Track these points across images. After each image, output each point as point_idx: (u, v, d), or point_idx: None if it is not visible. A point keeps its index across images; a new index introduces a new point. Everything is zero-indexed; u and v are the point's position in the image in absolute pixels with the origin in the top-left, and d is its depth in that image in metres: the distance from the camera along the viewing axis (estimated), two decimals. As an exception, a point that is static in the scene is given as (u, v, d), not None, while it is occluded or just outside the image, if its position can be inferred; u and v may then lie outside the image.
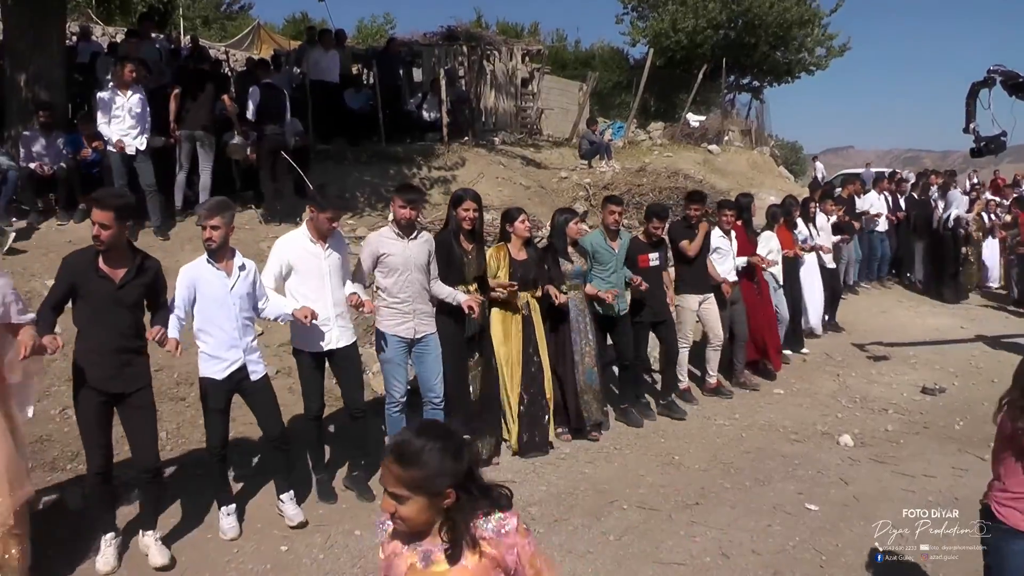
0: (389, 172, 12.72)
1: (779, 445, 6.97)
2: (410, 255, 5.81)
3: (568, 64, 33.66)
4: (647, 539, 5.17)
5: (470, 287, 6.26)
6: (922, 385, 8.64)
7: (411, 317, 5.86)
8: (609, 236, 7.35)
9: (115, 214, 4.55)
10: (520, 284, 6.56)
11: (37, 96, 9.70)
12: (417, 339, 5.91)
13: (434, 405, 6.03)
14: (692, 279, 8.07)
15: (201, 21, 31.83)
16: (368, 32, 34.90)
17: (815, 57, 29.19)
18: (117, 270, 4.67)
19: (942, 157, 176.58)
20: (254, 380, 5.20)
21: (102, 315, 4.65)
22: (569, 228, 7.05)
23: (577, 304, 7.03)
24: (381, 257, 5.79)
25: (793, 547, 5.06)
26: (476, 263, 6.31)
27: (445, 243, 6.20)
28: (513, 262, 6.61)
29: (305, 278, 5.56)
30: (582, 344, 7.03)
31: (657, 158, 17.63)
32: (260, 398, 5.28)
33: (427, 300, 5.99)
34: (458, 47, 17.94)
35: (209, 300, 5.03)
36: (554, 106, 21.95)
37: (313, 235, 5.58)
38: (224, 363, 5.07)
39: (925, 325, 11.86)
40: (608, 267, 7.28)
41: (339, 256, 5.71)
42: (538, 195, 13.16)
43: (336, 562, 4.90)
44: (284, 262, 5.53)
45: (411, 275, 5.82)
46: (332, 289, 5.62)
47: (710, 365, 8.34)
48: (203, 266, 5.06)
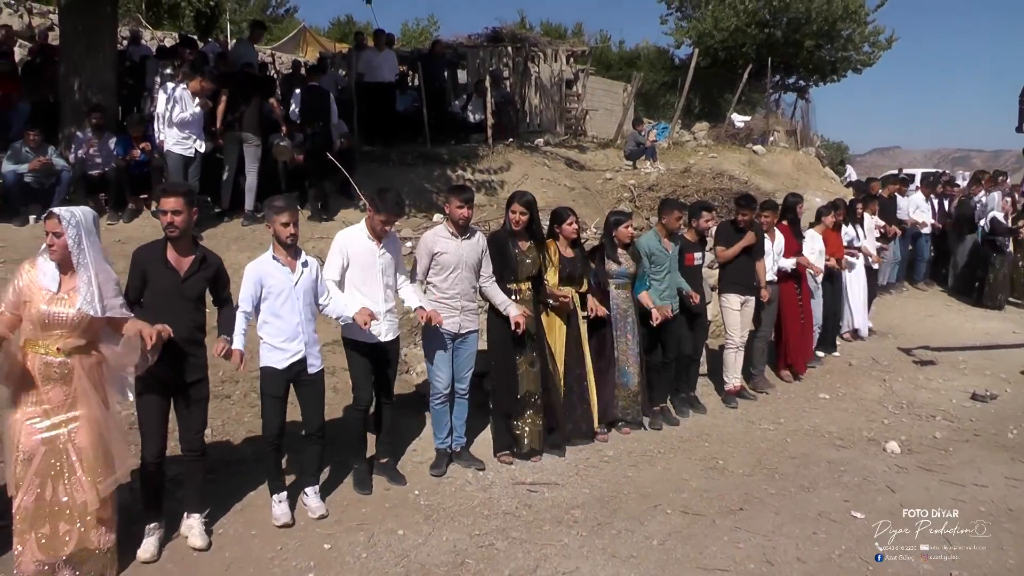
0: (434, 174, 12.78)
1: (824, 451, 6.90)
2: (463, 254, 6.09)
3: (613, 65, 33.62)
4: (691, 544, 5.15)
5: (522, 285, 6.49)
6: (972, 391, 8.48)
7: (458, 313, 6.14)
8: (667, 238, 7.51)
9: (185, 199, 4.84)
10: (568, 280, 6.79)
11: (90, 99, 9.95)
12: (461, 334, 6.21)
13: (460, 395, 6.40)
14: (736, 278, 8.13)
15: (247, 25, 32.21)
16: (412, 34, 35.09)
17: (861, 54, 28.83)
18: (183, 262, 4.89)
19: (993, 157, 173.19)
20: (311, 373, 5.40)
21: (167, 306, 4.81)
22: (619, 231, 7.16)
23: (619, 304, 7.17)
24: (435, 255, 6.06)
25: (839, 556, 5.01)
26: (532, 262, 6.54)
27: (500, 242, 6.46)
28: (562, 259, 6.79)
29: (360, 272, 5.78)
30: (620, 342, 7.16)
31: (702, 159, 17.48)
32: (312, 391, 5.47)
33: (473, 298, 6.28)
34: (503, 48, 17.98)
35: (275, 294, 5.23)
36: (599, 107, 21.91)
37: (370, 232, 5.80)
38: (286, 354, 5.27)
39: (975, 329, 11.64)
40: (663, 268, 7.42)
41: (392, 256, 5.93)
42: (582, 196, 13.13)
43: (379, 560, 4.93)
44: (345, 254, 5.76)
45: (461, 273, 6.11)
46: (384, 285, 5.84)
47: (730, 369, 8.35)
48: (269, 262, 5.27)
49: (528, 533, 5.26)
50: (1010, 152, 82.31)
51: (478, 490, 5.94)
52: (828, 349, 10.01)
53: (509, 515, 5.53)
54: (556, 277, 6.76)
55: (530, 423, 6.51)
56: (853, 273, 10.41)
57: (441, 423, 6.35)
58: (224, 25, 27.16)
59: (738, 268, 8.09)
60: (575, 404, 6.89)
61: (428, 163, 13.24)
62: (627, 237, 7.19)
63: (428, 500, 5.75)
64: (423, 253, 6.15)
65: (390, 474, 6.07)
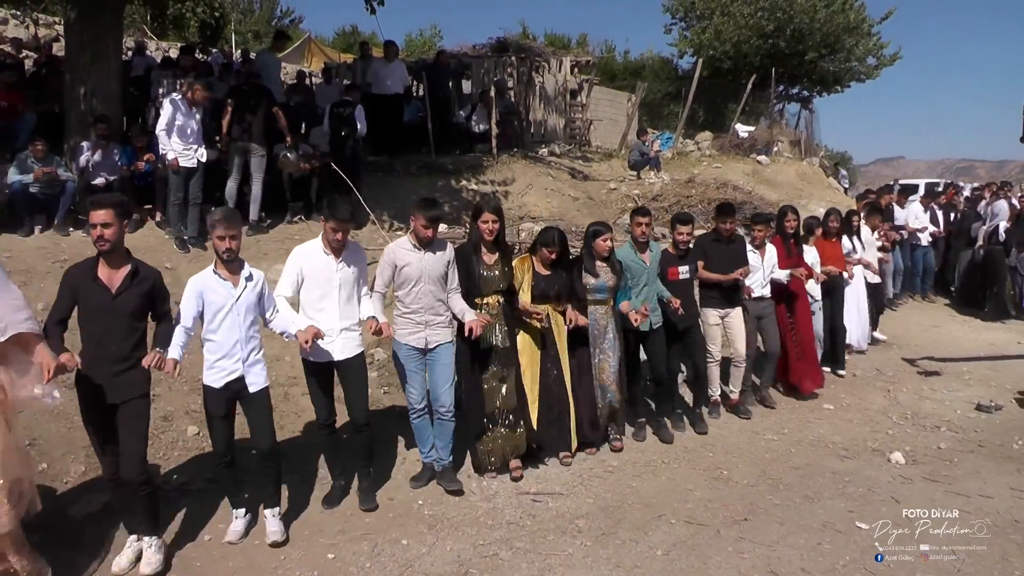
0: (438, 184, 12.83)
1: (829, 461, 6.89)
2: (426, 267, 5.88)
3: (617, 75, 33.70)
4: (695, 554, 5.14)
5: (487, 299, 6.30)
6: (977, 402, 8.45)
7: (423, 328, 5.96)
8: (639, 248, 7.27)
9: (115, 211, 4.70)
10: (542, 297, 6.59)
11: (95, 109, 10.00)
12: (429, 349, 6.02)
13: (440, 415, 6.11)
14: (712, 292, 7.91)
15: (252, 35, 32.41)
16: (416, 45, 35.19)
17: (865, 66, 28.88)
18: (115, 277, 4.76)
19: (997, 167, 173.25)
20: (252, 392, 5.20)
21: (100, 324, 4.73)
22: (596, 243, 6.92)
23: (598, 321, 6.94)
24: (398, 268, 5.89)
25: (843, 566, 5.00)
26: (500, 275, 6.32)
27: (465, 255, 6.25)
28: (537, 275, 6.61)
29: (315, 288, 5.61)
30: (600, 361, 6.95)
31: (706, 169, 17.53)
32: (254, 411, 5.27)
33: (442, 311, 6.07)
34: (507, 59, 18.02)
35: (214, 310, 5.06)
36: (603, 117, 21.95)
37: (326, 246, 5.62)
38: (222, 372, 5.10)
39: (979, 340, 11.62)
40: (640, 281, 7.20)
41: (354, 270, 5.73)
42: (587, 206, 13.17)
43: (383, 570, 4.93)
44: (299, 271, 5.59)
45: (425, 287, 5.90)
46: (341, 302, 5.65)
47: (733, 381, 8.16)
48: (210, 276, 5.11)
49: (532, 543, 5.26)
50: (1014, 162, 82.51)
51: (482, 500, 5.94)
52: (836, 366, 9.62)
53: (513, 525, 5.53)
54: (529, 295, 6.56)
55: (500, 440, 6.33)
56: (851, 286, 10.07)
57: (423, 437, 6.20)
58: (229, 35, 27.27)
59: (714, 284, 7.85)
60: (552, 422, 6.65)
61: (432, 173, 13.30)
62: (604, 250, 6.91)
63: (432, 510, 5.75)
64: (385, 266, 5.97)
65: (364, 497, 5.81)
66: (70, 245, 8.83)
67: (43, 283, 7.78)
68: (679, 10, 30.39)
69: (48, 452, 5.97)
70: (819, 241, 9.37)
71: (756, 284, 8.10)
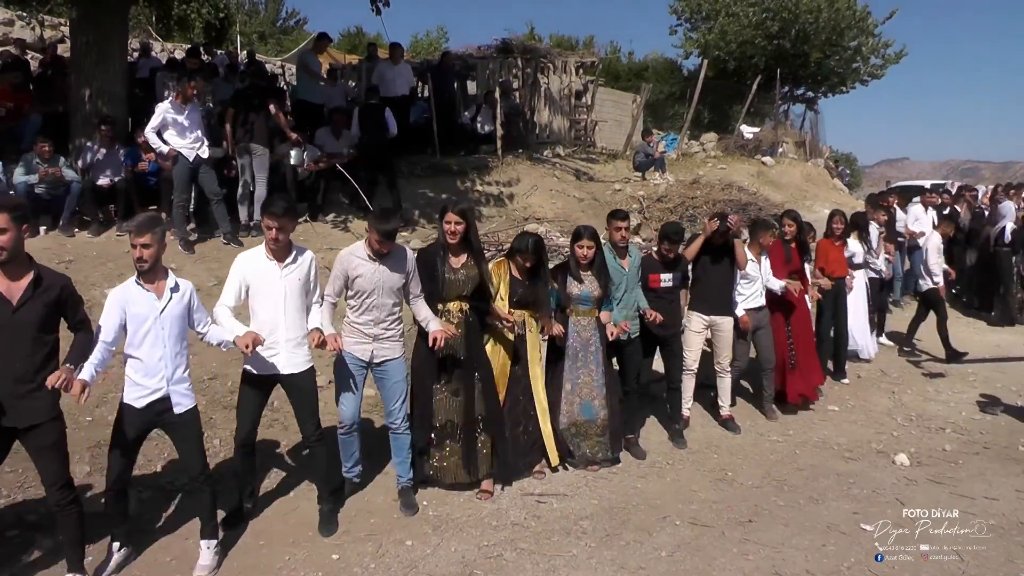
0: (443, 185, 12.83)
1: (833, 463, 6.88)
2: (379, 278, 5.50)
3: (622, 76, 33.69)
4: (700, 556, 5.14)
5: (451, 305, 5.88)
6: (982, 403, 8.46)
7: (370, 340, 5.59)
8: (618, 254, 6.83)
9: (11, 215, 4.24)
10: (518, 303, 6.23)
11: (100, 111, 10.05)
12: (376, 363, 5.66)
13: (394, 430, 5.79)
14: (701, 295, 7.50)
15: (257, 36, 32.50)
16: (422, 46, 35.22)
17: (870, 66, 28.84)
18: (14, 288, 4.30)
19: (1002, 168, 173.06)
20: (178, 413, 4.78)
21: None
22: (574, 248, 6.48)
23: (580, 332, 6.54)
24: (350, 277, 5.51)
25: (848, 568, 5.00)
26: (465, 279, 5.88)
27: (430, 257, 5.91)
28: (513, 280, 6.23)
29: (260, 298, 5.22)
30: (580, 374, 6.53)
31: (711, 170, 17.55)
32: (182, 433, 4.87)
33: (393, 325, 5.69)
34: (512, 60, 18.03)
35: (137, 323, 4.64)
36: (608, 118, 21.96)
37: (269, 252, 5.23)
38: (145, 391, 4.69)
39: (984, 341, 11.58)
40: (618, 287, 6.76)
41: (301, 277, 5.31)
42: (591, 207, 13.17)
43: (387, 571, 4.93)
44: (242, 279, 5.20)
45: (377, 299, 5.53)
46: (287, 311, 5.23)
47: (722, 395, 7.76)
48: (132, 287, 4.69)
49: (537, 544, 5.25)
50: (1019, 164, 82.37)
51: (486, 501, 5.93)
52: (838, 374, 9.37)
53: (518, 526, 5.53)
54: (507, 301, 6.19)
55: (448, 455, 5.98)
56: (854, 293, 9.70)
57: (347, 452, 5.84)
58: (234, 36, 27.31)
59: (706, 284, 7.46)
60: (519, 437, 6.29)
61: (437, 174, 13.32)
62: (582, 257, 6.42)
63: (436, 511, 5.75)
64: (338, 273, 5.53)
65: (325, 520, 5.45)
66: (75, 246, 8.86)
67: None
68: (685, 11, 30.38)
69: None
70: (822, 243, 9.17)
71: (755, 294, 7.78)
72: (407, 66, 14.84)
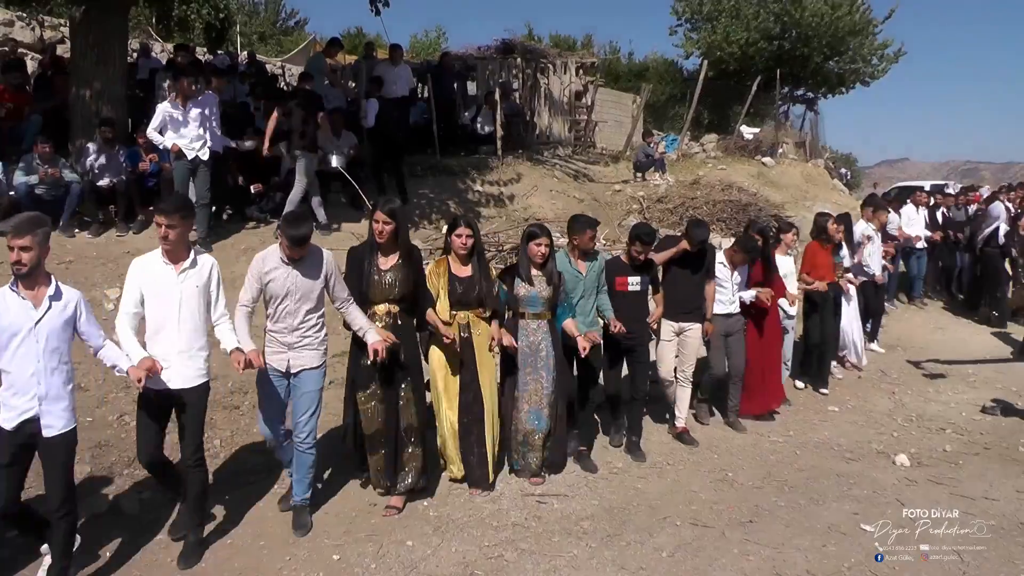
0: (444, 185, 12.84)
1: (834, 463, 6.89)
2: (293, 283, 5.23)
3: (622, 76, 33.65)
4: (700, 556, 5.14)
5: (378, 308, 5.61)
6: (982, 404, 8.46)
7: (286, 349, 5.30)
8: (579, 257, 6.58)
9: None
10: (461, 303, 5.96)
11: (100, 112, 10.04)
12: (293, 373, 5.35)
13: (298, 447, 5.40)
14: (671, 301, 7.19)
15: (258, 37, 32.48)
16: (422, 46, 35.21)
17: (870, 66, 28.84)
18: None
19: (1002, 169, 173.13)
20: (47, 437, 4.37)
21: None
22: (530, 247, 6.16)
23: (529, 336, 6.21)
24: (263, 282, 5.23)
25: (848, 569, 5.00)
26: (395, 281, 5.61)
27: (358, 257, 5.67)
28: (453, 278, 5.95)
29: (155, 305, 4.86)
30: (529, 380, 6.20)
31: (711, 171, 17.55)
32: (49, 458, 4.42)
33: (311, 332, 5.38)
34: (512, 60, 18.03)
35: (8, 334, 4.27)
36: (608, 119, 21.95)
37: (165, 256, 4.91)
38: (14, 412, 4.31)
39: (984, 342, 11.59)
40: (575, 293, 6.49)
41: (200, 283, 4.97)
42: (592, 208, 13.16)
43: (388, 571, 4.93)
44: (137, 286, 4.85)
45: (291, 305, 5.25)
46: (182, 319, 4.88)
47: (679, 405, 7.42)
48: (7, 294, 4.32)
49: (537, 544, 5.26)
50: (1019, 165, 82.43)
51: (487, 501, 5.93)
52: (819, 383, 9.05)
53: (518, 526, 5.53)
54: (447, 301, 5.93)
55: (381, 466, 5.77)
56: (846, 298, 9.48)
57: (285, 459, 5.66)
58: (234, 37, 27.30)
59: (676, 288, 7.17)
60: (471, 447, 6.03)
61: (438, 175, 13.32)
62: (538, 256, 6.10)
63: (437, 511, 5.75)
64: (251, 277, 5.24)
65: (189, 550, 5.02)
66: (75, 246, 8.85)
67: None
68: (686, 11, 30.36)
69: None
70: (810, 247, 8.90)
71: (725, 301, 7.58)
72: (407, 67, 14.83)
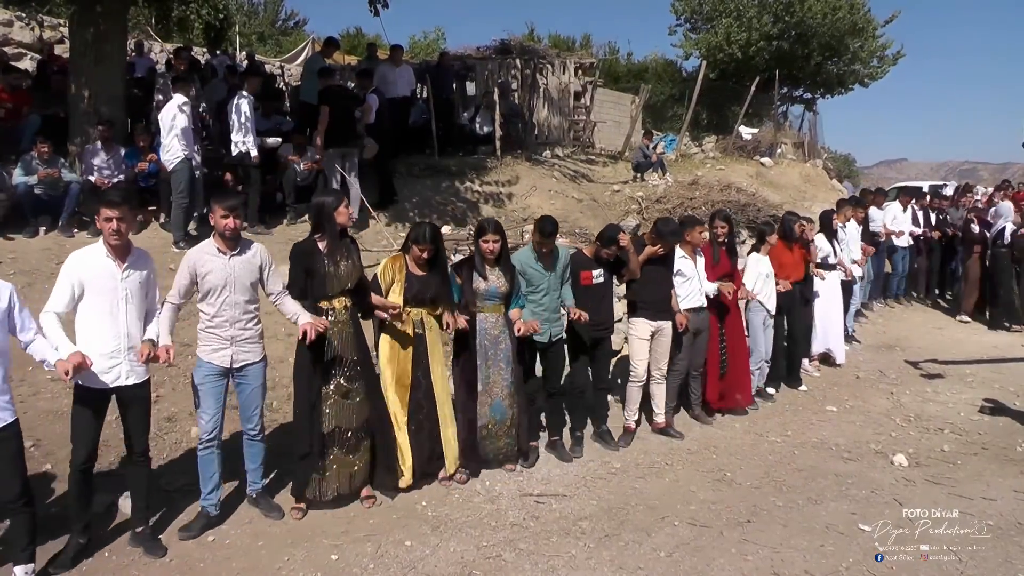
0: (442, 186, 12.85)
1: (832, 463, 6.89)
2: (231, 273, 5.19)
3: (621, 77, 33.65)
4: (698, 556, 5.14)
5: (335, 303, 5.61)
6: (980, 404, 8.47)
7: (229, 344, 5.25)
8: (541, 258, 6.61)
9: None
10: (416, 300, 6.02)
11: (98, 111, 10.05)
12: (236, 368, 5.32)
13: (251, 437, 5.54)
14: (645, 297, 7.21)
15: (257, 37, 32.43)
16: (421, 47, 35.18)
17: (869, 68, 28.85)
18: None
19: (1000, 170, 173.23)
20: None
21: None
22: (479, 244, 6.28)
23: (488, 329, 6.30)
24: (199, 275, 5.16)
25: (847, 568, 5.00)
26: (347, 274, 5.61)
27: (305, 252, 5.59)
28: (410, 276, 6.01)
29: (97, 301, 4.76)
30: (490, 372, 6.29)
31: (709, 171, 17.52)
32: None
33: (251, 324, 5.37)
34: (511, 61, 18.02)
35: None
36: (607, 119, 21.95)
37: (108, 249, 4.80)
38: None
39: (982, 343, 11.61)
40: (539, 289, 6.58)
41: (141, 278, 4.92)
42: (590, 208, 13.16)
43: (386, 571, 4.92)
44: (76, 282, 4.71)
45: (231, 297, 5.20)
46: (128, 316, 4.83)
47: (655, 400, 7.50)
48: None
49: (535, 544, 5.26)
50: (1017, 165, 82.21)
51: (485, 501, 5.93)
52: (793, 382, 9.15)
53: (516, 526, 5.53)
54: (401, 298, 5.96)
55: (338, 465, 5.68)
56: (827, 294, 9.63)
57: (207, 475, 5.37)
58: (233, 38, 27.27)
59: (649, 286, 7.16)
60: (424, 443, 6.06)
61: (436, 175, 13.30)
62: (487, 252, 6.20)
63: (436, 511, 5.75)
64: (183, 272, 5.15)
65: (146, 545, 5.05)
66: (74, 246, 8.81)
67: (47, 284, 7.75)
68: (685, 11, 30.37)
69: (52, 452, 5.96)
70: (776, 248, 8.66)
71: (693, 294, 7.54)
72: (408, 68, 14.85)
